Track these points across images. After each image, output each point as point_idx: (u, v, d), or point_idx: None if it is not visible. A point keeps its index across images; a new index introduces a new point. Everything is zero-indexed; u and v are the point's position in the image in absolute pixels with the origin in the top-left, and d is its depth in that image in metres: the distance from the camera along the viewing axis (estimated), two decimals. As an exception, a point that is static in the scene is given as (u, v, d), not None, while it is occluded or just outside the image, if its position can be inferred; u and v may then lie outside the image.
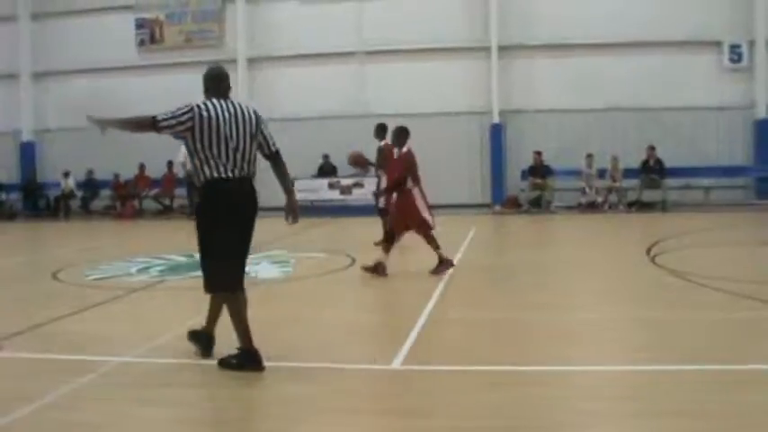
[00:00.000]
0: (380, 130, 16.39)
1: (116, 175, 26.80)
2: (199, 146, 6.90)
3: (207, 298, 7.28)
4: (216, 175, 6.89)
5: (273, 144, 7.49)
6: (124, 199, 26.95)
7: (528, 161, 24.39)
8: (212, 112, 6.91)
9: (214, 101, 7.06)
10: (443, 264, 11.99)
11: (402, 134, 12.55)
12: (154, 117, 6.86)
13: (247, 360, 6.88)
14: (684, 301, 9.66)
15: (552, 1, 24.75)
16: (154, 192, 26.87)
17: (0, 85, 29.10)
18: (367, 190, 23.93)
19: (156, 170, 26.46)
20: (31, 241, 21.66)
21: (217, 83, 7.27)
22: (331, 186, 24.61)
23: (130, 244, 16.47)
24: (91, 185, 27.64)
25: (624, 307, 9.54)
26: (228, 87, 7.32)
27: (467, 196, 25.18)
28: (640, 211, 22.74)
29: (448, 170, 24.95)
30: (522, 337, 8.10)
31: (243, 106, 7.20)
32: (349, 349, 7.74)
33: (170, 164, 26.07)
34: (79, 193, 27.53)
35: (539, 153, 24.03)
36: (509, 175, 25.30)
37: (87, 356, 7.50)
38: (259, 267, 12.97)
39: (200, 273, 7.15)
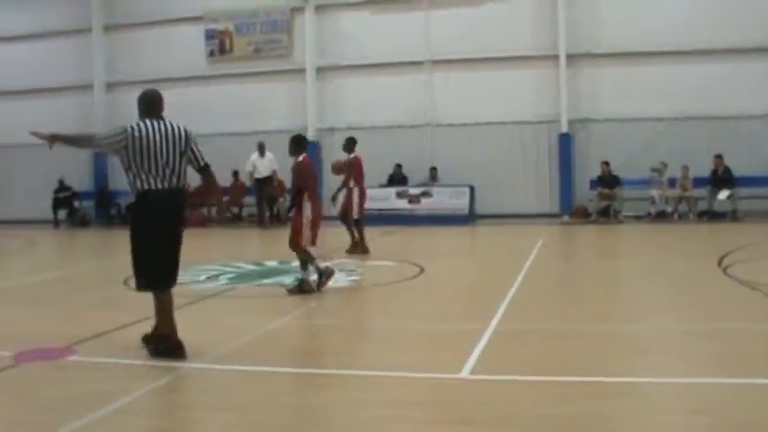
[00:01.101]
0: (350, 143, 16.95)
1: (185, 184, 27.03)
2: (132, 162, 7.63)
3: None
4: (146, 187, 7.65)
5: (203, 159, 8.12)
6: (192, 207, 27.19)
7: (596, 170, 24.11)
8: (143, 132, 7.62)
9: (147, 121, 7.76)
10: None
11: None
12: (94, 134, 8.15)
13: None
14: (758, 313, 9.46)
15: (620, 8, 24.40)
16: (223, 200, 27.02)
17: (74, 95, 29.64)
18: (435, 200, 23.97)
19: (223, 179, 26.67)
20: (102, 248, 22.01)
21: (149, 105, 7.97)
22: (399, 195, 24.55)
23: (199, 252, 16.59)
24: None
25: (696, 318, 9.40)
26: (161, 108, 8.02)
27: (535, 206, 24.97)
28: (711, 221, 22.36)
29: (515, 180, 24.92)
30: (592, 348, 7.98)
31: (174, 125, 7.88)
32: (417, 358, 7.70)
33: (236, 173, 26.26)
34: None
35: (606, 163, 23.73)
36: (577, 184, 25.03)
37: (158, 362, 7.58)
38: (327, 275, 13.03)
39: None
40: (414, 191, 24.55)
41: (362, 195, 16.66)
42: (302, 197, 11.44)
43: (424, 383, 6.75)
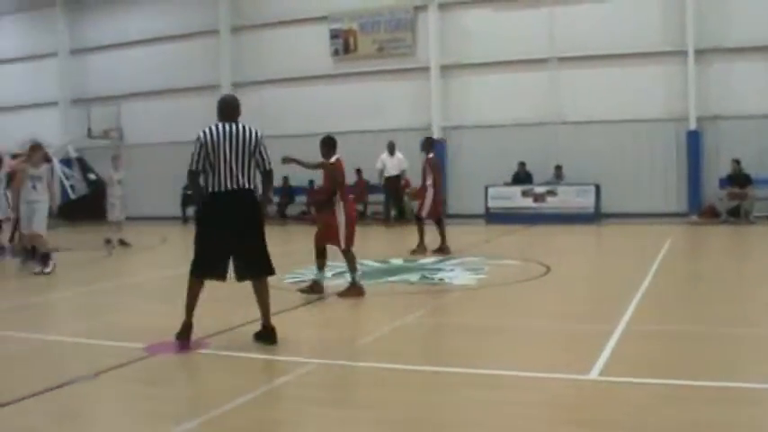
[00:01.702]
0: (428, 144, 17.19)
1: (311, 182, 27.41)
2: (206, 163, 8.10)
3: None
4: (214, 188, 8.05)
5: (269, 163, 8.41)
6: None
7: (725, 169, 23.46)
8: (212, 135, 8.07)
9: (218, 125, 8.16)
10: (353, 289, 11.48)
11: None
12: (189, 170, 8.26)
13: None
14: None
15: (751, 0, 23.69)
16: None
17: (202, 95, 30.26)
18: (560, 198, 23.70)
19: (348, 177, 26.87)
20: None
21: (222, 110, 8.33)
22: (524, 194, 24.38)
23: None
24: (286, 192, 28.42)
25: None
26: (234, 112, 8.35)
27: (662, 205, 24.42)
28: None
29: (642, 178, 24.45)
30: (725, 351, 7.76)
31: (245, 128, 8.23)
32: (545, 358, 7.63)
33: (359, 171, 26.45)
34: (276, 199, 28.35)
35: (737, 161, 23.07)
36: (706, 183, 24.39)
37: (285, 357, 7.71)
38: (453, 274, 13.03)
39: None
40: (539, 189, 24.35)
41: (437, 195, 16.84)
42: (336, 198, 11.44)
43: (552, 384, 6.67)
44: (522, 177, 25.09)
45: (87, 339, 7.93)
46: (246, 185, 8.10)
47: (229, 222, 8.08)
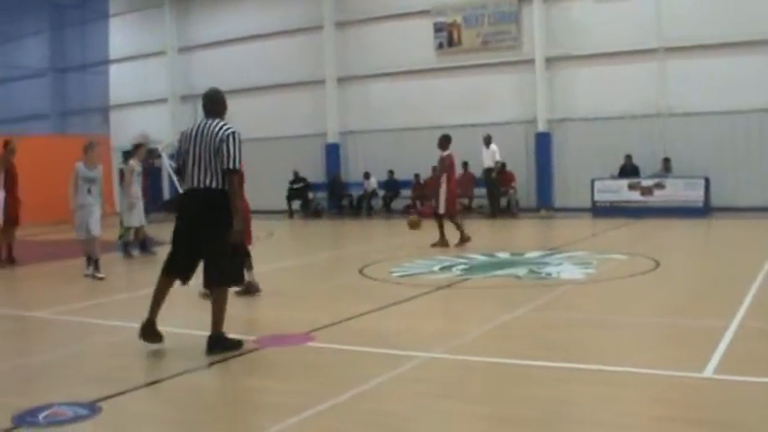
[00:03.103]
0: (445, 141, 17.33)
1: (416, 176, 27.44)
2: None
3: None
4: (185, 185, 7.94)
5: (232, 162, 7.79)
6: (424, 199, 27.52)
7: None
8: (185, 133, 8.02)
9: (194, 123, 8.04)
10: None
11: None
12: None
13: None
14: None
15: None
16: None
17: (309, 90, 30.73)
18: (668, 191, 23.25)
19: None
20: (337, 238, 22.62)
21: (203, 106, 8.24)
22: (631, 187, 23.94)
23: (431, 243, 16.80)
24: (392, 185, 28.51)
25: None
26: (215, 108, 8.19)
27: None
28: None
29: (753, 171, 23.56)
30: None
31: (213, 125, 7.92)
32: (657, 354, 7.49)
33: (465, 165, 26.39)
34: (381, 193, 28.48)
35: None
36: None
37: (394, 351, 7.72)
38: (561, 268, 12.90)
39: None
40: (646, 182, 23.88)
41: (451, 192, 17.00)
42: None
43: (664, 381, 6.53)
44: (628, 170, 24.65)
45: (198, 331, 8.06)
46: (211, 185, 7.72)
47: (191, 222, 7.83)
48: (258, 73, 31.51)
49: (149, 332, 7.85)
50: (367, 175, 28.46)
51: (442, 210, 16.87)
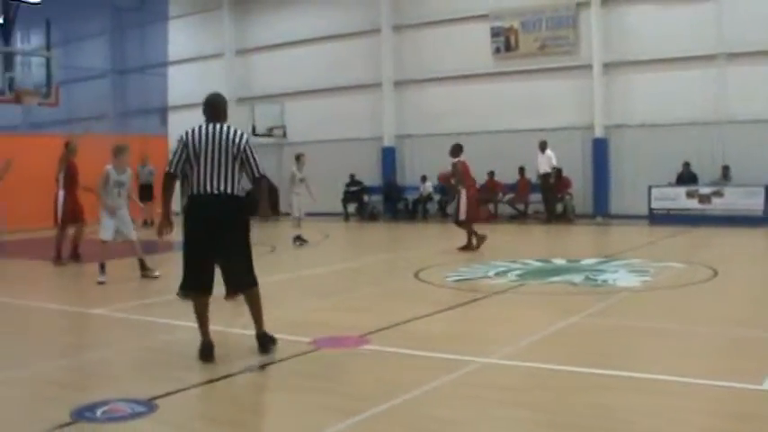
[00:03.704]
0: (456, 149, 17.40)
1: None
2: (186, 165, 7.70)
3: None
4: (193, 191, 7.61)
5: (257, 169, 7.85)
6: (479, 203, 27.41)
7: None
8: (191, 135, 7.75)
9: (199, 126, 7.80)
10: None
11: None
12: (165, 172, 7.80)
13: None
14: None
15: None
16: (509, 197, 27.17)
17: (365, 93, 30.81)
18: (727, 200, 22.95)
19: (509, 176, 26.80)
20: (392, 241, 22.63)
21: (205, 110, 8.04)
22: (689, 195, 23.66)
23: (486, 247, 16.78)
24: (447, 189, 28.44)
25: None
26: (217, 113, 8.00)
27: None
28: None
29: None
30: None
31: (228, 129, 7.78)
32: (713, 365, 7.39)
33: (522, 170, 26.32)
34: (436, 197, 28.45)
35: None
36: None
37: (449, 355, 7.72)
38: (617, 275, 12.79)
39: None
40: (704, 190, 23.57)
41: (471, 198, 17.26)
42: None
43: (720, 392, 6.44)
44: (686, 178, 24.35)
45: (248, 331, 8.12)
46: (228, 191, 7.62)
47: (209, 229, 7.61)
48: (315, 76, 31.68)
49: (208, 354, 7.63)
50: (423, 179, 28.45)
51: (462, 216, 16.98)
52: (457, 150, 17.31)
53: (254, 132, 31.32)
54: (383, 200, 30.25)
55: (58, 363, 8.07)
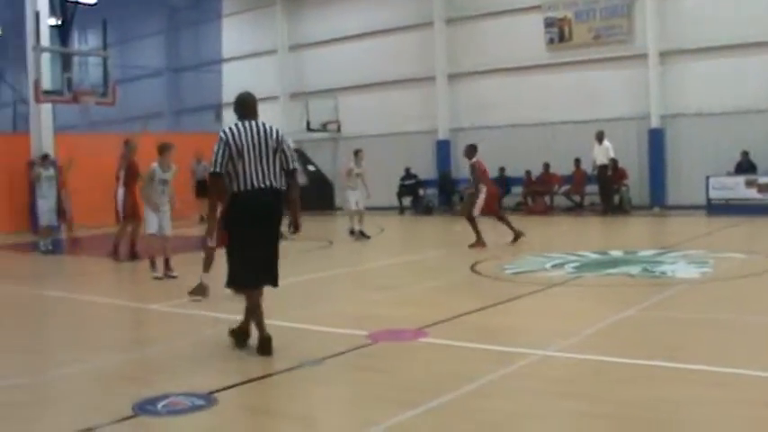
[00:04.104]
0: (471, 150, 17.30)
1: (527, 172, 27.28)
2: (230, 164, 7.68)
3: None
4: (239, 187, 7.65)
5: (293, 161, 8.06)
6: (535, 195, 27.36)
7: None
8: (234, 133, 7.75)
9: (237, 123, 7.88)
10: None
11: None
12: (211, 172, 7.81)
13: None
14: None
15: None
16: (564, 188, 27.02)
17: (419, 87, 30.81)
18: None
19: (566, 167, 26.62)
20: (447, 235, 22.56)
21: (239, 108, 8.12)
22: (748, 184, 23.30)
23: (543, 240, 16.73)
24: (502, 182, 28.36)
25: None
26: (252, 110, 8.11)
27: None
28: None
29: None
30: None
31: (265, 125, 7.94)
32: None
33: (577, 161, 26.15)
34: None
35: None
36: None
37: (507, 348, 7.76)
38: (675, 267, 12.66)
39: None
40: (763, 179, 23.21)
41: (490, 196, 17.14)
42: None
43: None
44: (745, 167, 23.98)
45: (312, 326, 8.20)
46: (274, 184, 7.79)
47: (260, 223, 7.76)
48: (368, 70, 31.74)
49: (266, 347, 7.70)
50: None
51: (477, 212, 16.86)
52: (471, 151, 17.22)
53: (308, 127, 31.50)
54: (438, 193, 30.23)
55: (120, 357, 8.24)
